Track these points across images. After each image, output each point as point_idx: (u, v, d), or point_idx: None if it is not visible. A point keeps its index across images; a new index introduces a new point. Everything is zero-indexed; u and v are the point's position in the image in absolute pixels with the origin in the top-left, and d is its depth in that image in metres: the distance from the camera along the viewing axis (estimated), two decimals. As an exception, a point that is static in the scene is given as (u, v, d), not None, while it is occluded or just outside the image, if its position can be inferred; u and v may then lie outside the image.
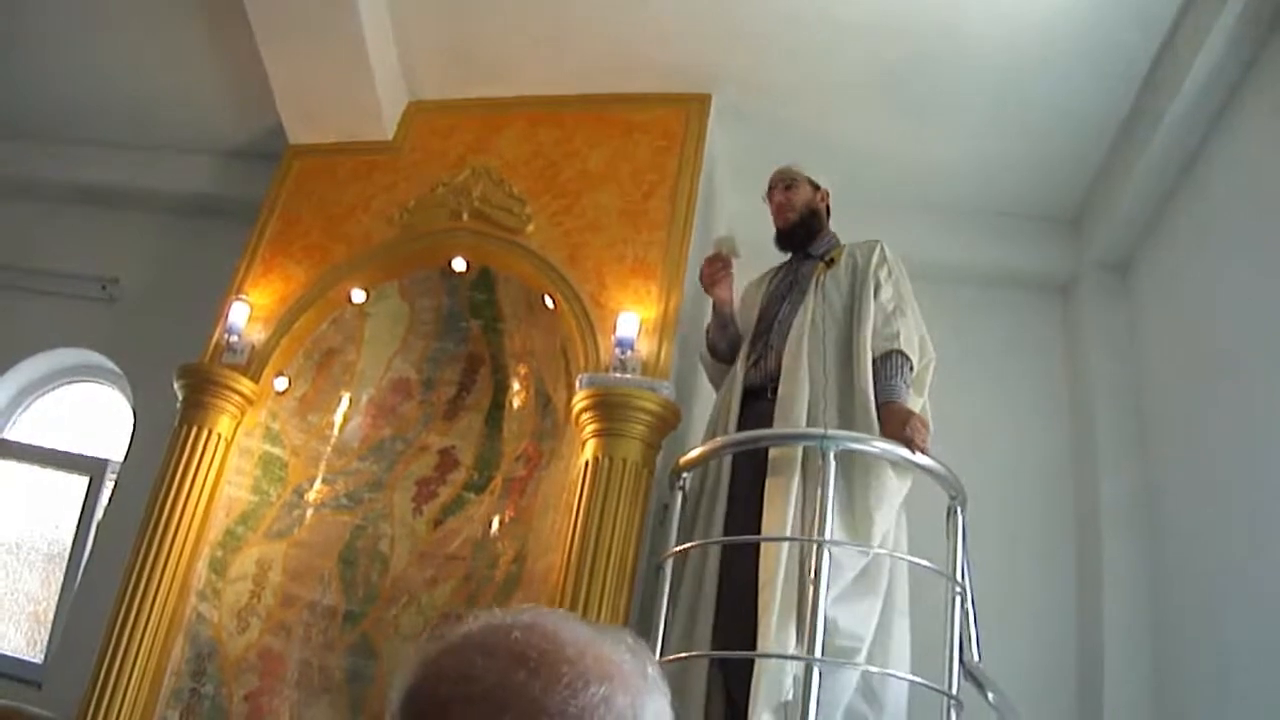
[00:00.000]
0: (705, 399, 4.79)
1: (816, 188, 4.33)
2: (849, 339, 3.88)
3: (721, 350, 4.29)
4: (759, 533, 3.54)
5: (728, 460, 3.84)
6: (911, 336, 3.84)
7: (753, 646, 3.31)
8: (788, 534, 3.42)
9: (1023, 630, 4.41)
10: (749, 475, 3.73)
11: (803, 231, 4.27)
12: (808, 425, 3.67)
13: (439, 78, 5.21)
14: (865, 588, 3.51)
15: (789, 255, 4.37)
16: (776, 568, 3.37)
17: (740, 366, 4.08)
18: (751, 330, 4.17)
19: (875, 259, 4.03)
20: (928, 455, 3.52)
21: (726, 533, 3.70)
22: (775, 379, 3.90)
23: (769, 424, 3.76)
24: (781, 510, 3.50)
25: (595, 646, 0.94)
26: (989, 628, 3.65)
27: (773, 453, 3.67)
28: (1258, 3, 3.73)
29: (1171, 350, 4.54)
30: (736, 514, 3.72)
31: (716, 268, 4.18)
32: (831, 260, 4.12)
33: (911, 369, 3.80)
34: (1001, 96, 4.73)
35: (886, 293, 3.94)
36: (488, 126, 5.12)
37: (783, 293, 4.20)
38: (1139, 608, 4.33)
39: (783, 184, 4.32)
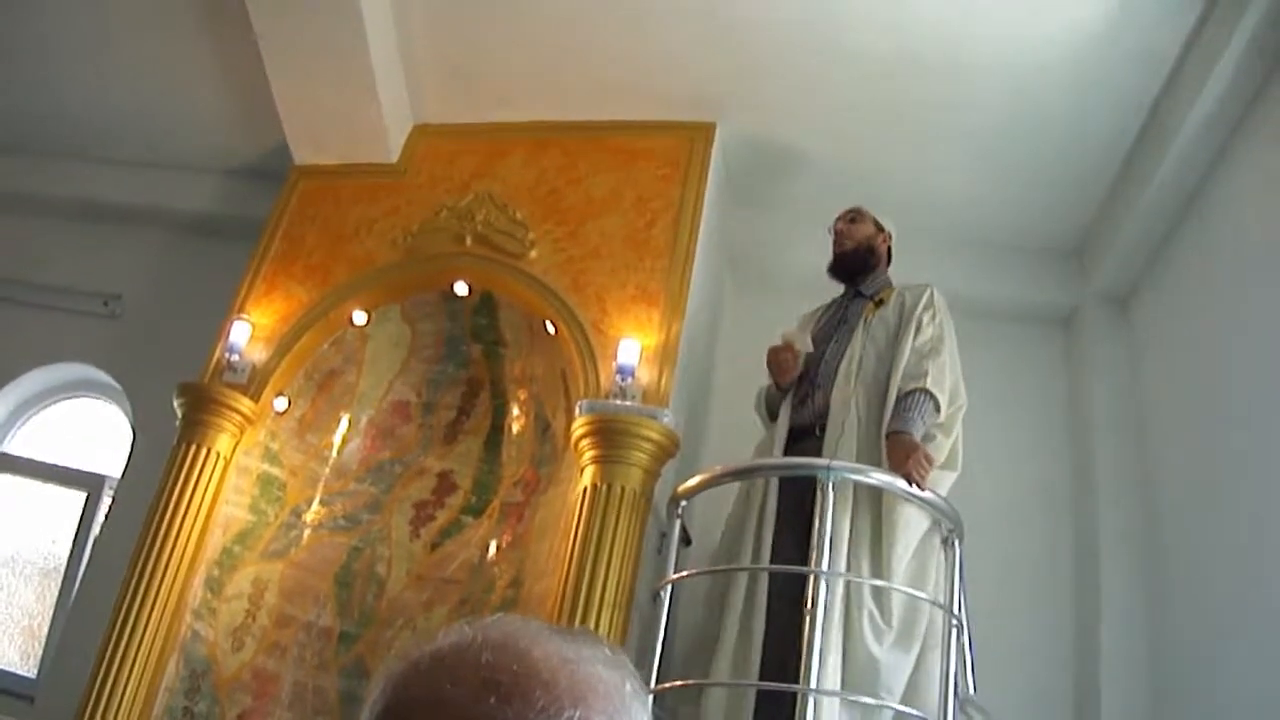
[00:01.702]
0: (712, 427, 4.82)
1: (880, 229, 4.37)
2: (887, 379, 3.91)
3: (776, 414, 4.25)
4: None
5: (773, 495, 3.84)
6: (942, 379, 3.85)
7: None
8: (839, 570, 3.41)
9: (1020, 661, 4.40)
10: (795, 510, 3.73)
11: (856, 263, 4.31)
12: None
13: (444, 101, 5.23)
14: (909, 637, 3.53)
15: (841, 292, 4.39)
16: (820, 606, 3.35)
17: (787, 404, 4.09)
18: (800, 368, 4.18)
19: (922, 302, 4.06)
20: (924, 489, 3.53)
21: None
22: (823, 417, 3.93)
23: None
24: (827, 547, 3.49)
25: (570, 665, 0.89)
26: (986, 658, 3.66)
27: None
28: (1262, 38, 3.76)
29: (1172, 383, 4.54)
30: (784, 549, 3.71)
31: (786, 359, 4.11)
32: (881, 300, 4.15)
33: (937, 409, 3.79)
34: (1006, 128, 4.75)
35: (925, 335, 3.97)
36: (492, 151, 5.13)
37: (830, 330, 4.22)
38: (1137, 639, 4.33)
39: (848, 216, 4.37)
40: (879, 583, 3.54)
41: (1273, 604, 3.47)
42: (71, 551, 5.36)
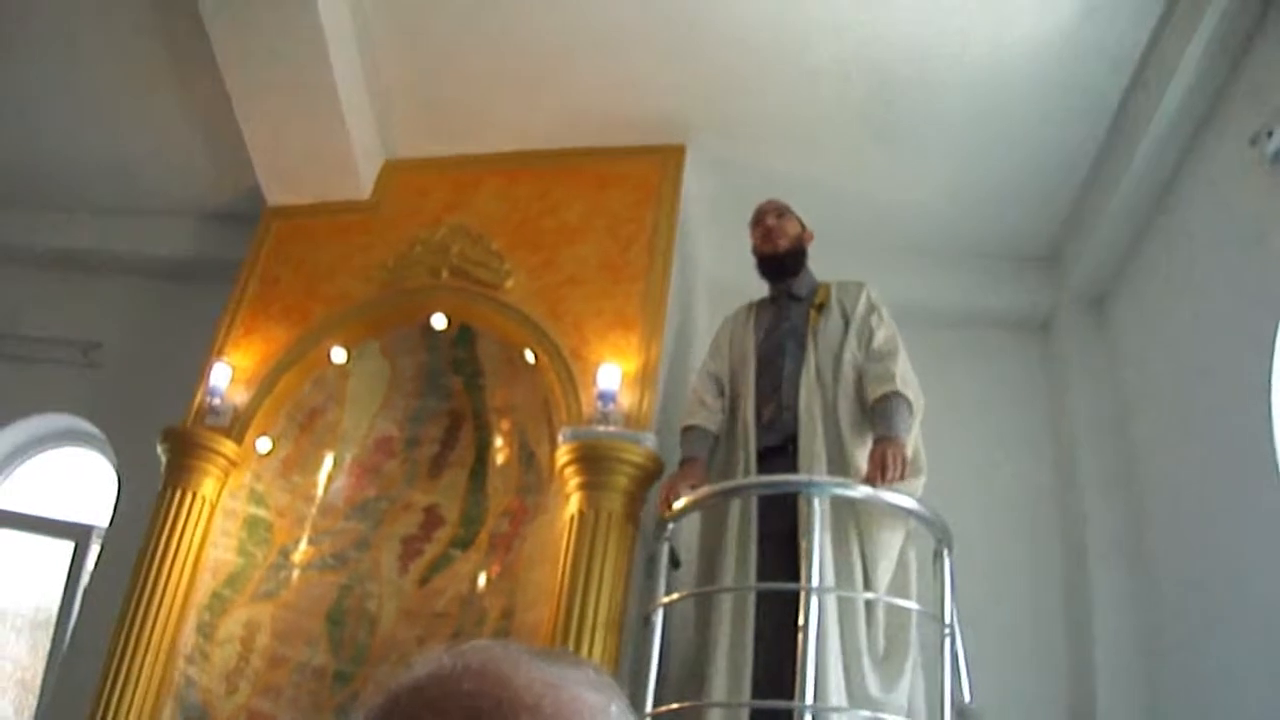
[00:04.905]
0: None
1: (803, 226, 4.37)
2: (853, 387, 3.93)
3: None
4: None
5: (754, 513, 3.81)
6: (909, 378, 3.88)
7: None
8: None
9: (1013, 666, 4.41)
10: (778, 527, 3.71)
11: (790, 263, 4.31)
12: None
13: (415, 135, 5.24)
14: (902, 655, 3.54)
15: (768, 294, 4.41)
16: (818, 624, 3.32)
17: (751, 424, 4.05)
18: (753, 383, 4.15)
19: (863, 306, 4.10)
20: (896, 484, 3.54)
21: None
22: (794, 435, 3.91)
23: None
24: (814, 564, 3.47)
25: (554, 690, 0.85)
26: (979, 664, 3.66)
27: (801, 507, 3.62)
28: (1224, 33, 3.79)
29: (1151, 381, 4.56)
30: (769, 566, 3.70)
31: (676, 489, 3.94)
32: (821, 304, 4.15)
33: (911, 410, 3.80)
34: (975, 137, 4.79)
35: (880, 336, 4.00)
36: (464, 183, 5.14)
37: (780, 340, 4.20)
38: (1128, 639, 4.35)
39: (775, 211, 4.36)
40: (871, 595, 3.55)
41: (1261, 598, 3.49)
42: (61, 602, 5.33)
